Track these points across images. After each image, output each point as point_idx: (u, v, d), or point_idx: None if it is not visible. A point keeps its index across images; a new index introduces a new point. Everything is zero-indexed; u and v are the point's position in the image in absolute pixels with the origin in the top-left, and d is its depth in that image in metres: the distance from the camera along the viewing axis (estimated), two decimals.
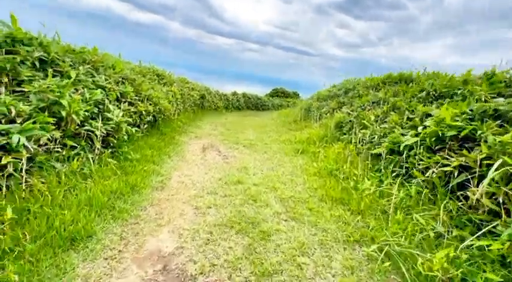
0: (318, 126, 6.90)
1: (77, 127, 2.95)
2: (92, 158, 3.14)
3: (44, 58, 3.13)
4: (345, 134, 5.33)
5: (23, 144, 2.15)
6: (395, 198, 2.86)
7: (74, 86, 3.27)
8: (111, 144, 3.55)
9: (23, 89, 2.65)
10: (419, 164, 2.87)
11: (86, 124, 3.14)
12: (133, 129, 4.13)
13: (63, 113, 2.70)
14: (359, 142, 4.41)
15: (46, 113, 2.67)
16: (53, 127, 2.61)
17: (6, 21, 3.05)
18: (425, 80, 5.24)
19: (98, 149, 3.15)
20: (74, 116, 2.78)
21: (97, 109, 3.39)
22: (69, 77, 3.26)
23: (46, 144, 2.59)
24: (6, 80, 2.62)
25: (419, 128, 3.06)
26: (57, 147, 2.76)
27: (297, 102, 25.18)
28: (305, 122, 8.22)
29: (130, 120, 4.01)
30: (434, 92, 4.27)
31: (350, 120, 5.48)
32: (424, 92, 4.44)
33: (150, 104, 5.14)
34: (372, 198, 3.03)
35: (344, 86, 9.36)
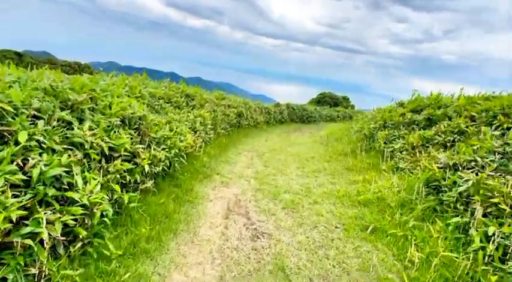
0: (389, 171, 4.92)
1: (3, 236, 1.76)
2: (35, 274, 1.96)
3: None
4: (443, 203, 3.34)
5: None
6: None
7: (22, 156, 2.15)
8: (81, 237, 2.35)
9: None
10: None
11: (30, 223, 1.96)
12: (127, 197, 2.92)
13: None
14: (490, 236, 2.46)
15: None
16: None
17: None
18: None
19: (42, 262, 1.94)
20: None
21: (55, 188, 2.21)
22: (17, 143, 2.14)
23: None
24: None
25: None
26: None
27: (348, 112, 22.47)
28: (367, 156, 6.21)
29: (118, 188, 2.79)
30: None
31: (454, 182, 3.46)
32: None
33: (164, 149, 3.94)
34: None
35: (419, 105, 7.05)
